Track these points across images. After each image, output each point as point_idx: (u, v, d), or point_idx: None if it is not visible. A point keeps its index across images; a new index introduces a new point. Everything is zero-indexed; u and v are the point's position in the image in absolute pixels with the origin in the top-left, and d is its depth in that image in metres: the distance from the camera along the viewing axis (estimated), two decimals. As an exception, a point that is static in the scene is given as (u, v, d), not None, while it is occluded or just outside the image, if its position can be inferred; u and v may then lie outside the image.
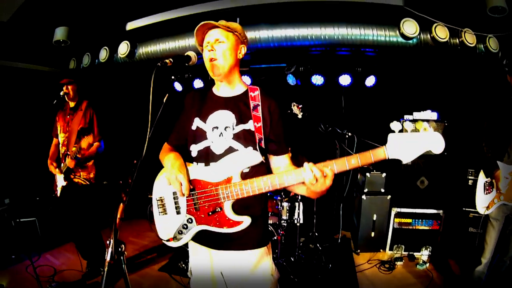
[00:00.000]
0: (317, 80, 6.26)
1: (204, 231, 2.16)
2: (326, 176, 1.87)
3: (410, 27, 5.11)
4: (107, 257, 1.83)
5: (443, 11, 5.22)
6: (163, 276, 4.95)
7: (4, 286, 4.64)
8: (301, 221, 5.08)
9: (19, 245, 5.36)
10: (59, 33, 6.25)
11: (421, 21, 5.16)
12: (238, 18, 5.30)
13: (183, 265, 4.93)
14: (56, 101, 4.60)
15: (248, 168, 2.12)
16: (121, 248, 1.86)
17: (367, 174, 5.57)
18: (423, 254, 5.43)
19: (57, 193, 4.68)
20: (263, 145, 2.15)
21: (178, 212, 2.22)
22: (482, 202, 3.83)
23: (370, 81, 6.17)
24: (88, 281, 4.70)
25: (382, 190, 5.58)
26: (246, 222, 2.07)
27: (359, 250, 5.71)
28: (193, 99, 2.39)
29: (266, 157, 2.23)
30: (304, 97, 6.14)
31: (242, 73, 6.35)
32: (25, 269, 4.89)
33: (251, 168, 2.13)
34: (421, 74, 6.27)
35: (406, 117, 5.37)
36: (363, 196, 5.56)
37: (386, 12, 5.20)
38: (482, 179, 3.89)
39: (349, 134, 5.28)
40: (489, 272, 3.81)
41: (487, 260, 3.77)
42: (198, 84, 6.74)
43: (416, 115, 5.37)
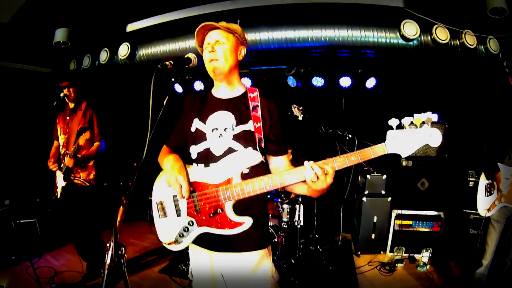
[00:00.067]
0: (318, 82, 6.27)
1: (204, 233, 2.14)
2: (327, 174, 1.87)
3: (410, 28, 5.12)
4: (107, 260, 1.83)
5: (443, 12, 5.22)
6: (163, 278, 4.94)
7: (4, 287, 4.64)
8: (301, 223, 5.07)
9: (19, 246, 5.36)
10: (59, 34, 6.26)
11: (422, 22, 5.16)
12: (238, 20, 5.29)
13: (183, 267, 4.93)
14: (56, 102, 4.59)
15: (248, 168, 2.12)
16: (121, 251, 1.85)
17: (368, 176, 5.56)
18: (424, 256, 5.40)
19: (57, 195, 4.67)
20: (263, 145, 2.15)
21: (178, 215, 2.21)
22: (483, 204, 3.82)
23: (370, 82, 6.18)
24: (88, 283, 4.69)
25: (383, 192, 5.57)
26: (247, 223, 2.06)
27: (359, 252, 5.69)
28: (192, 101, 2.39)
29: (265, 157, 2.23)
30: (304, 99, 6.16)
31: (243, 74, 6.37)
32: (25, 270, 4.88)
33: (251, 168, 2.12)
34: (421, 75, 6.27)
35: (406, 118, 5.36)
36: (364, 198, 5.55)
37: (387, 13, 5.20)
38: (483, 181, 3.88)
39: (350, 136, 5.28)
40: (489, 274, 3.81)
41: (488, 262, 3.76)
42: (199, 85, 6.74)
43: (417, 117, 5.36)
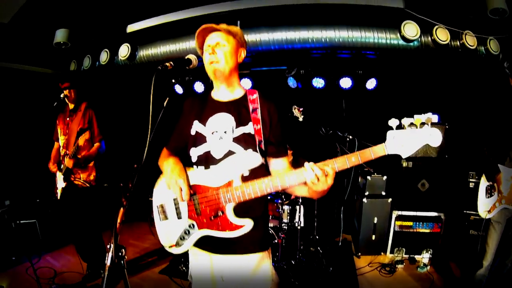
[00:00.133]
0: (318, 83, 6.26)
1: (205, 236, 2.14)
2: (327, 175, 1.86)
3: (411, 29, 5.12)
4: (107, 262, 1.83)
5: (444, 13, 5.22)
6: (163, 279, 4.94)
7: (5, 287, 4.64)
8: (302, 224, 5.08)
9: (19, 246, 5.36)
10: (60, 35, 6.25)
11: (422, 23, 5.16)
12: (238, 21, 5.30)
13: (184, 268, 4.93)
14: (56, 103, 4.59)
15: (248, 171, 2.11)
16: (121, 253, 1.85)
17: (368, 177, 5.56)
18: (424, 257, 5.40)
19: (57, 196, 4.67)
20: (263, 147, 2.14)
21: (179, 218, 2.21)
22: (484, 206, 3.82)
23: (371, 83, 6.17)
24: (88, 284, 4.69)
25: (383, 193, 5.58)
26: (248, 226, 2.05)
27: (360, 253, 5.70)
28: (192, 104, 2.39)
29: (265, 159, 2.22)
30: (305, 100, 6.15)
31: (243, 75, 6.37)
32: (25, 271, 4.88)
33: (251, 170, 2.11)
34: (422, 76, 6.26)
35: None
36: (364, 199, 5.55)
37: (387, 14, 5.19)
38: (484, 182, 3.88)
39: (350, 137, 5.28)
40: (490, 275, 3.80)
41: (489, 263, 3.75)
42: (199, 87, 6.74)
43: (417, 117, 5.36)
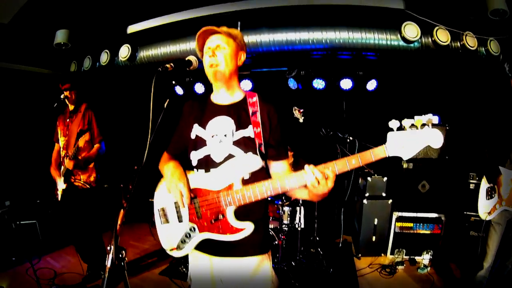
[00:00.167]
0: (318, 84, 6.27)
1: (205, 239, 2.14)
2: (327, 178, 1.85)
3: (411, 30, 5.11)
4: (108, 263, 1.83)
5: (444, 14, 5.21)
6: (163, 280, 4.94)
7: (5, 288, 4.65)
8: (302, 225, 5.07)
9: (19, 247, 5.36)
10: (60, 35, 6.25)
11: (423, 24, 5.15)
12: (239, 22, 5.30)
13: (184, 269, 4.92)
14: (56, 104, 4.59)
15: (249, 174, 2.11)
16: (121, 254, 1.85)
17: (368, 179, 5.56)
18: (424, 258, 5.40)
19: (58, 197, 4.66)
20: (263, 150, 2.14)
21: (180, 221, 2.21)
22: (484, 208, 3.82)
23: (371, 85, 6.18)
24: (88, 284, 4.69)
25: (383, 194, 5.58)
26: (249, 229, 2.05)
27: (360, 255, 5.70)
28: (192, 107, 2.39)
29: (265, 162, 2.22)
30: (305, 101, 6.14)
31: (243, 76, 6.37)
32: (25, 272, 4.88)
33: (251, 174, 2.11)
34: (422, 77, 6.26)
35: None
36: (364, 201, 5.55)
37: (388, 15, 5.19)
38: (484, 184, 3.88)
39: (351, 138, 5.28)
40: (490, 276, 3.80)
41: (489, 265, 3.76)
42: (199, 88, 6.76)
43: (417, 118, 5.36)
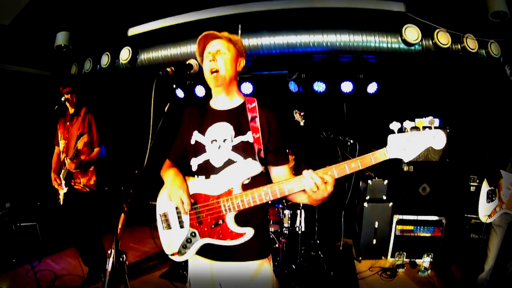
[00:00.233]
0: (319, 87, 6.27)
1: (206, 244, 2.15)
2: (326, 183, 1.84)
3: (412, 33, 5.12)
4: (108, 267, 1.83)
5: (445, 16, 5.22)
6: (164, 283, 4.94)
7: (4, 289, 4.66)
8: (302, 228, 5.06)
9: (19, 249, 5.36)
10: (61, 38, 6.25)
11: (423, 27, 5.16)
12: (240, 25, 5.30)
13: (184, 272, 4.92)
14: (57, 106, 4.59)
15: (248, 179, 2.11)
16: (122, 258, 1.85)
17: (369, 182, 5.56)
18: (425, 261, 5.40)
19: (60, 201, 4.66)
20: (262, 155, 2.15)
21: (181, 227, 2.22)
22: (485, 210, 3.83)
23: (372, 87, 6.17)
24: (88, 287, 4.69)
25: (384, 197, 5.57)
26: (249, 234, 2.06)
27: (360, 258, 5.70)
28: (191, 114, 2.41)
29: (266, 167, 2.23)
30: (306, 104, 6.13)
31: (244, 79, 6.37)
32: (25, 273, 4.89)
33: (251, 179, 2.12)
34: (423, 80, 6.26)
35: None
36: (365, 204, 5.55)
37: (388, 18, 5.20)
38: (485, 187, 3.89)
39: (351, 141, 5.28)
40: (491, 279, 3.81)
41: (490, 267, 3.77)
42: (200, 90, 6.75)
43: (418, 120, 5.36)
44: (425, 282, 4.95)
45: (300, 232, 5.04)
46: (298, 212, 5.06)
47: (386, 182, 5.58)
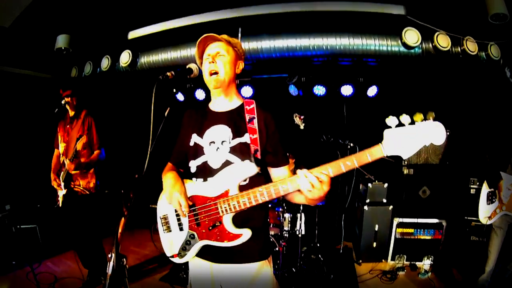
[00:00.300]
0: (319, 90, 6.27)
1: (206, 246, 2.16)
2: (322, 182, 1.83)
3: (412, 36, 5.12)
4: (109, 271, 1.83)
5: (444, 19, 5.22)
6: (164, 286, 4.93)
7: (4, 291, 4.66)
8: (303, 232, 5.06)
9: (19, 251, 5.36)
10: (61, 40, 6.25)
11: (423, 30, 5.16)
12: (240, 28, 5.30)
13: (184, 275, 4.92)
14: (57, 110, 4.60)
15: (245, 180, 2.12)
16: (122, 262, 1.85)
17: (369, 185, 5.56)
18: (425, 264, 5.40)
19: (59, 204, 4.66)
20: (259, 156, 2.15)
21: (181, 229, 2.23)
22: (485, 212, 3.84)
23: (372, 91, 6.17)
24: (88, 290, 4.70)
25: (384, 200, 5.57)
26: (246, 235, 2.06)
27: (361, 260, 5.69)
28: (190, 116, 2.43)
29: (263, 168, 2.22)
30: (306, 107, 6.12)
31: (244, 83, 6.37)
32: (25, 276, 4.88)
33: (249, 180, 2.13)
34: (423, 83, 6.25)
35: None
36: (365, 207, 5.55)
37: (388, 21, 5.20)
38: (485, 189, 3.89)
39: (351, 144, 5.28)
40: (492, 280, 3.81)
41: (491, 269, 3.79)
42: (200, 94, 6.75)
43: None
44: (426, 285, 4.96)
45: (300, 236, 5.04)
46: (298, 215, 5.06)
47: (386, 185, 5.58)
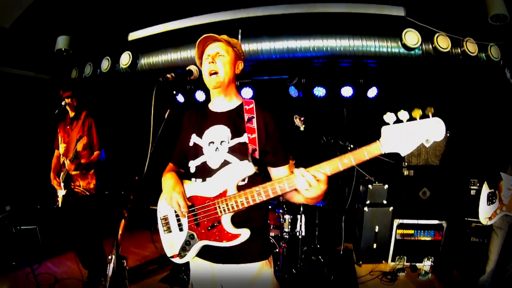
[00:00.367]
0: (319, 92, 6.25)
1: (206, 246, 2.16)
2: (319, 181, 1.82)
3: (411, 37, 5.12)
4: (109, 273, 1.83)
5: (444, 20, 5.22)
6: (164, 287, 4.93)
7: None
8: (303, 233, 5.06)
9: (20, 252, 5.37)
10: (61, 41, 6.26)
11: (423, 31, 5.16)
12: (240, 30, 5.30)
13: (184, 276, 4.91)
14: (57, 111, 4.60)
15: (244, 180, 2.12)
16: (122, 263, 1.86)
17: (369, 186, 5.56)
18: (425, 265, 5.38)
19: (59, 204, 4.66)
20: (257, 155, 2.13)
21: (181, 230, 2.24)
22: (485, 213, 3.84)
23: (372, 92, 6.15)
24: (88, 291, 4.70)
25: (384, 201, 5.57)
26: (244, 235, 2.06)
27: (361, 262, 5.69)
28: (190, 117, 2.44)
29: (260, 167, 2.19)
30: (306, 109, 6.12)
31: (244, 84, 6.36)
32: (25, 276, 4.89)
33: (248, 180, 2.13)
34: (423, 84, 6.25)
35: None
36: (365, 208, 5.55)
37: (388, 23, 5.20)
38: (485, 190, 3.90)
39: (352, 146, 5.27)
40: (492, 280, 3.81)
41: (491, 269, 3.79)
42: (200, 95, 6.74)
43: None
44: (426, 286, 4.96)
45: (300, 237, 5.03)
46: (299, 217, 5.05)
47: (386, 186, 5.58)
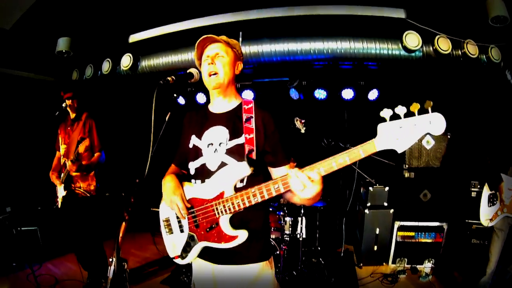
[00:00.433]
0: (320, 94, 6.25)
1: (207, 247, 2.17)
2: (313, 181, 1.80)
3: (412, 39, 5.11)
4: (110, 275, 1.83)
5: (445, 22, 5.22)
6: (165, 289, 4.94)
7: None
8: (303, 235, 5.06)
9: (20, 253, 5.38)
10: (62, 43, 6.26)
11: (424, 33, 5.15)
12: (240, 32, 5.31)
13: (185, 278, 4.92)
14: (58, 112, 4.61)
15: (242, 181, 2.13)
16: (123, 266, 1.86)
17: (370, 188, 5.56)
18: (426, 267, 5.39)
19: (58, 205, 4.67)
20: (254, 156, 2.11)
21: (181, 231, 2.26)
22: (486, 215, 3.85)
23: (372, 94, 6.16)
24: (89, 292, 4.70)
25: (385, 203, 5.56)
26: (242, 236, 2.06)
27: (361, 264, 5.69)
28: (190, 119, 2.45)
29: (259, 168, 2.17)
30: (306, 111, 6.13)
31: (245, 87, 6.37)
32: (26, 277, 4.90)
33: (247, 181, 2.13)
34: (424, 86, 6.25)
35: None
36: (366, 210, 5.54)
37: (389, 25, 5.21)
38: (486, 191, 3.90)
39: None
40: (492, 282, 3.82)
41: (492, 271, 3.80)
42: (201, 97, 6.74)
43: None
44: (426, 288, 4.96)
45: (301, 239, 5.03)
46: (299, 219, 5.06)
47: (387, 188, 5.58)
